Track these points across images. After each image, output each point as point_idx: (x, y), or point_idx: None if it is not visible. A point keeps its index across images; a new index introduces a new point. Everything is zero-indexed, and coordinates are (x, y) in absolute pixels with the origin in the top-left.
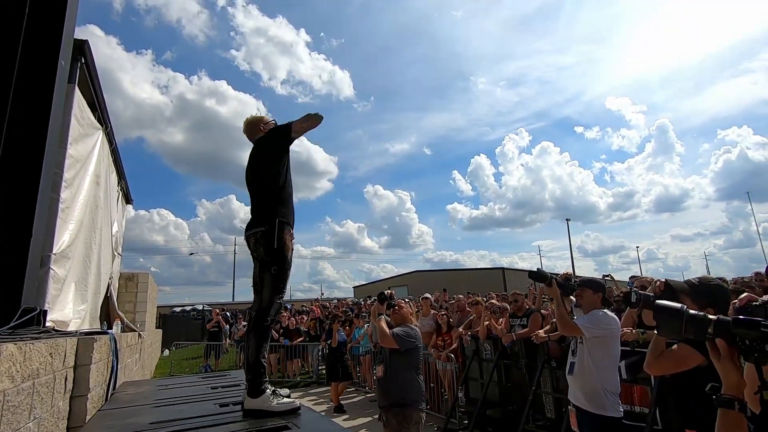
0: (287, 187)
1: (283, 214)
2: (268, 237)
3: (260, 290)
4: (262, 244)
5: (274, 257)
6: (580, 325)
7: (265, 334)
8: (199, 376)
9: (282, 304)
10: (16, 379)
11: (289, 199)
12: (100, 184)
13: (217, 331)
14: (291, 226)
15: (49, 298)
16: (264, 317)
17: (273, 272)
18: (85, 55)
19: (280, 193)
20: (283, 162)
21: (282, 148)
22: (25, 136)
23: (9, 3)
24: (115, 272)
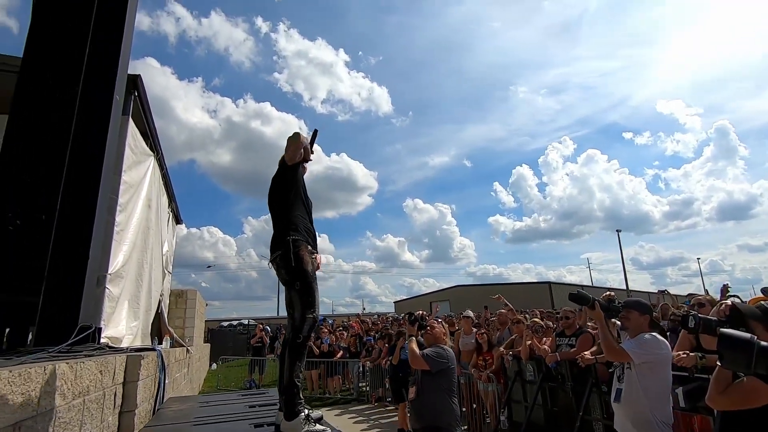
0: (297, 210)
1: (296, 234)
2: (285, 258)
3: (293, 311)
4: (282, 266)
5: (295, 274)
6: (628, 350)
7: (299, 353)
8: (239, 394)
9: (315, 319)
10: (67, 397)
11: (301, 221)
12: (151, 207)
13: (260, 346)
14: (307, 243)
15: (105, 316)
16: (297, 335)
17: (297, 288)
18: (138, 88)
19: (290, 217)
20: (290, 190)
21: (287, 180)
22: (84, 165)
23: (72, 47)
24: (165, 290)
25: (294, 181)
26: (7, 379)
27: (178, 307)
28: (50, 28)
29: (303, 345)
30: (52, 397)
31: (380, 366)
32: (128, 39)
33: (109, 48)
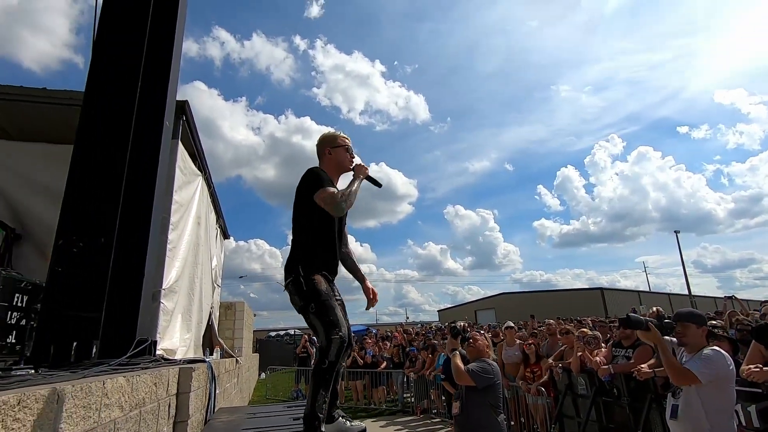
0: (316, 233)
1: (309, 260)
2: (296, 284)
3: (317, 336)
4: (294, 292)
5: (308, 297)
6: (696, 372)
7: (325, 379)
8: (285, 405)
9: (343, 339)
10: (125, 408)
11: (317, 246)
12: (200, 225)
13: (306, 356)
14: (321, 269)
15: (160, 329)
16: (323, 359)
17: (313, 310)
18: (186, 113)
19: (307, 241)
20: (312, 212)
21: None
22: (138, 187)
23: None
24: (215, 302)
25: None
26: (71, 394)
27: (228, 319)
28: (107, 63)
29: (329, 370)
30: (111, 409)
31: (424, 377)
32: (176, 68)
33: (159, 78)
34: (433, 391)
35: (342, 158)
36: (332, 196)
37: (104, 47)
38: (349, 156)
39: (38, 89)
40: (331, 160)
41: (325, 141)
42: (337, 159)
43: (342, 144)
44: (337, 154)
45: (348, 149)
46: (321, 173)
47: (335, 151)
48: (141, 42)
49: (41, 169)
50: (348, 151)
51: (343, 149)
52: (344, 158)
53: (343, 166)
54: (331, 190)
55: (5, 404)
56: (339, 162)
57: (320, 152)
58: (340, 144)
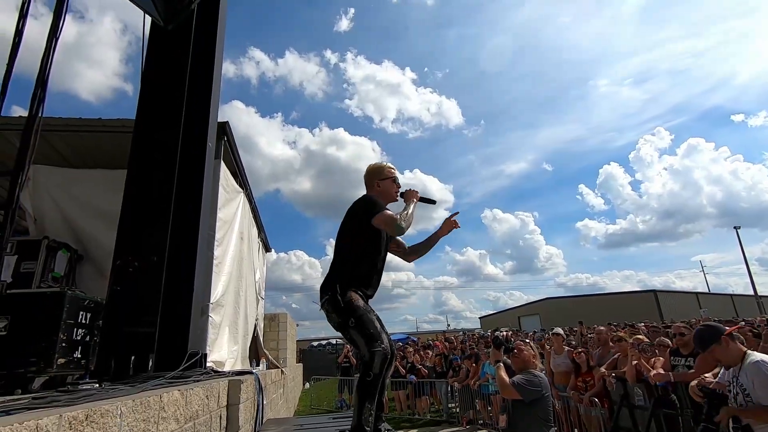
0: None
1: (347, 280)
2: (333, 302)
3: (359, 350)
4: (331, 310)
5: (346, 312)
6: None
7: (370, 391)
8: (330, 417)
9: (385, 351)
10: (180, 421)
11: (358, 267)
12: (243, 239)
13: (348, 366)
14: (358, 287)
15: (209, 342)
16: (367, 372)
17: (353, 325)
18: (227, 133)
19: (348, 262)
20: (359, 234)
21: (360, 225)
22: (186, 207)
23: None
24: (259, 314)
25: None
26: (132, 408)
27: (272, 330)
28: (154, 91)
29: (374, 383)
30: (168, 422)
31: (469, 387)
32: (216, 91)
33: (201, 103)
34: (479, 402)
35: (389, 189)
36: (393, 218)
37: (151, 77)
38: (396, 186)
39: (95, 120)
40: (379, 192)
41: (373, 173)
42: (385, 190)
43: (389, 176)
44: (385, 186)
45: (395, 180)
46: (377, 199)
47: (383, 183)
48: (184, 69)
49: (100, 194)
50: (395, 182)
51: (391, 180)
52: (391, 189)
53: (390, 197)
54: (390, 213)
55: (75, 419)
56: (387, 193)
57: (369, 184)
58: (387, 176)
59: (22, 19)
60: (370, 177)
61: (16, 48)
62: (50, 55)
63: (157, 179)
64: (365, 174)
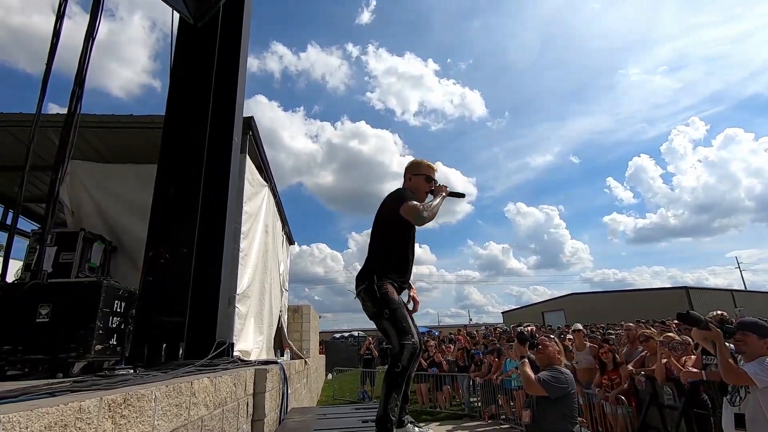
0: (393, 248)
1: (382, 270)
2: (369, 292)
3: (389, 341)
4: (367, 299)
5: (381, 303)
6: (751, 374)
7: (397, 383)
8: (353, 407)
9: (415, 346)
10: (210, 407)
11: (393, 259)
12: (268, 232)
13: (369, 358)
14: (393, 280)
15: (236, 332)
16: (396, 363)
17: (387, 316)
18: (251, 128)
19: (384, 254)
20: (392, 226)
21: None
22: (213, 201)
23: (199, 102)
24: (283, 306)
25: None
26: (164, 393)
27: (295, 321)
28: (184, 87)
29: (401, 375)
30: (198, 407)
31: (491, 381)
32: (242, 87)
33: (227, 99)
34: (501, 397)
35: (420, 186)
36: (415, 207)
37: (180, 73)
38: (428, 185)
39: (126, 116)
40: (409, 185)
41: (410, 167)
42: (415, 186)
43: (424, 173)
44: (416, 182)
45: (428, 178)
46: (406, 191)
47: (415, 178)
48: (211, 65)
49: (132, 188)
50: (428, 180)
51: (423, 178)
52: (422, 186)
53: (419, 193)
54: (414, 202)
55: (114, 402)
56: (416, 189)
57: (404, 176)
58: (421, 173)
59: (59, 20)
60: (407, 170)
61: (54, 48)
62: (87, 54)
63: (185, 174)
64: (405, 166)
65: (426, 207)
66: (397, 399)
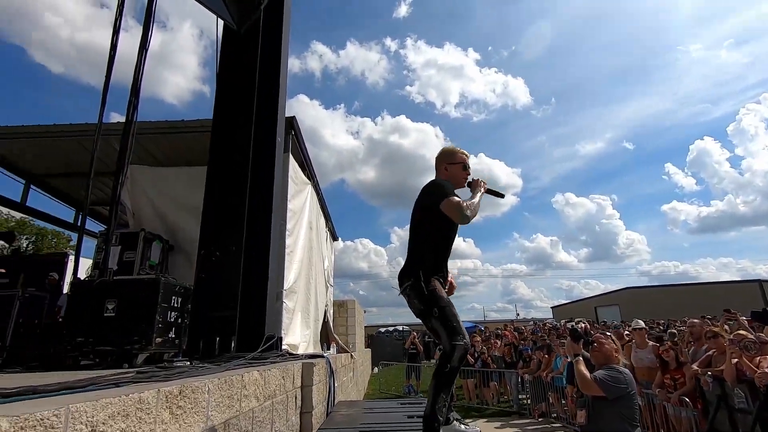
0: (435, 241)
1: (427, 266)
2: (416, 289)
3: (439, 340)
4: (413, 296)
5: (429, 301)
6: None
7: (446, 382)
8: (399, 402)
9: (466, 347)
10: (259, 399)
11: (435, 253)
12: (312, 229)
13: (414, 352)
14: (438, 275)
15: (284, 326)
16: (445, 363)
17: (436, 315)
18: (294, 128)
19: (426, 248)
20: (432, 221)
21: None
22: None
23: (244, 105)
24: (329, 301)
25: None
26: (218, 386)
27: (341, 316)
28: (229, 90)
29: (451, 374)
30: (249, 399)
31: (541, 378)
32: (283, 89)
33: (270, 100)
34: (552, 395)
35: (458, 175)
36: (459, 205)
37: (225, 78)
38: (465, 173)
39: (178, 121)
40: (446, 175)
41: (443, 157)
42: (453, 175)
43: (460, 161)
44: (453, 171)
45: (465, 166)
46: (446, 184)
47: (452, 167)
48: (254, 68)
49: (185, 190)
50: (465, 168)
51: (460, 166)
52: (460, 175)
53: (458, 182)
54: (457, 200)
55: (170, 393)
56: (454, 178)
57: (438, 166)
58: (457, 161)
59: (116, 34)
60: (440, 160)
61: (112, 61)
62: (141, 65)
63: (233, 176)
64: (436, 157)
65: (469, 206)
66: (446, 399)
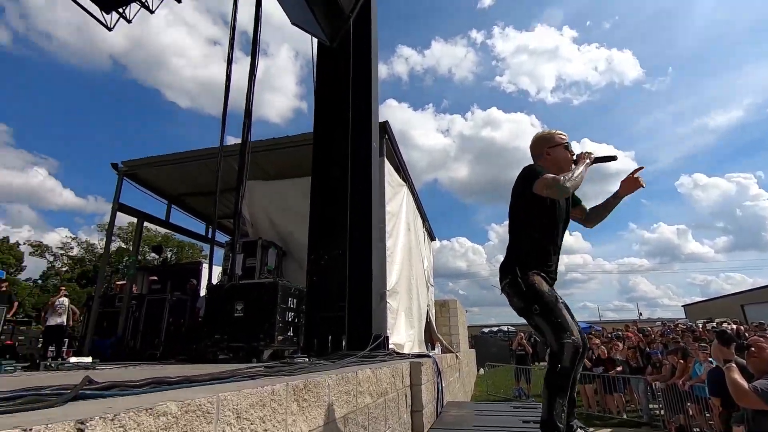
0: (534, 233)
1: (525, 260)
2: (514, 286)
3: (545, 339)
4: (512, 294)
5: (530, 298)
6: None
7: (559, 385)
8: (512, 405)
9: (576, 344)
10: (373, 396)
11: (536, 246)
12: (410, 230)
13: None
14: (540, 270)
15: (389, 326)
16: (555, 365)
17: (537, 311)
18: (387, 132)
19: (525, 242)
20: (529, 209)
21: (527, 199)
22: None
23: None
24: (430, 301)
25: (533, 201)
26: (336, 382)
27: (443, 316)
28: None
29: (563, 377)
30: (364, 396)
31: (676, 386)
32: (375, 94)
33: (364, 107)
34: (692, 406)
35: (562, 157)
36: (554, 179)
37: (322, 93)
38: (569, 154)
39: (284, 137)
40: (549, 160)
41: (540, 142)
42: (555, 159)
43: (560, 142)
44: (555, 154)
45: (567, 146)
46: (537, 167)
47: (554, 150)
48: (347, 78)
49: (293, 199)
50: (567, 148)
51: (562, 147)
52: (564, 156)
53: (565, 164)
54: (550, 175)
55: (297, 387)
56: (558, 161)
57: (537, 153)
58: (558, 142)
59: (229, 66)
60: (538, 146)
61: (227, 91)
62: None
63: (334, 183)
64: (531, 144)
65: (567, 177)
66: (563, 404)
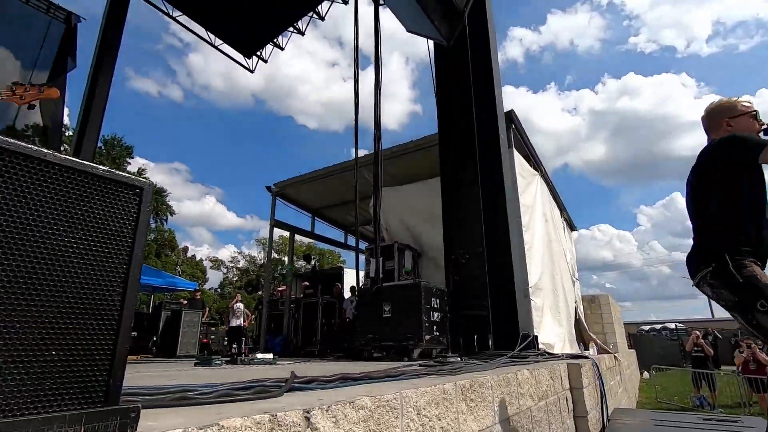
0: (741, 212)
1: (733, 244)
2: (722, 277)
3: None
4: (719, 286)
5: (750, 292)
6: None
7: None
8: (699, 416)
9: None
10: (534, 398)
11: (746, 226)
12: (548, 221)
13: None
14: (756, 257)
15: (535, 324)
16: None
17: (762, 308)
18: (513, 121)
19: (728, 224)
20: (734, 185)
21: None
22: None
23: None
24: (577, 296)
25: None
26: (497, 383)
27: (593, 313)
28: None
29: None
30: (525, 398)
31: None
32: (498, 83)
33: (487, 98)
34: None
35: (748, 128)
36: None
37: (443, 93)
38: (759, 124)
39: (408, 143)
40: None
41: (719, 112)
42: (741, 130)
43: (746, 110)
44: (741, 125)
45: (755, 115)
46: (743, 133)
47: (737, 121)
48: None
49: (422, 201)
50: (755, 117)
51: (749, 116)
52: (751, 127)
53: None
54: None
55: (463, 387)
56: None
57: (714, 126)
58: (743, 111)
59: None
60: (716, 118)
61: (357, 107)
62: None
63: (464, 180)
64: (705, 116)
65: None
66: None
